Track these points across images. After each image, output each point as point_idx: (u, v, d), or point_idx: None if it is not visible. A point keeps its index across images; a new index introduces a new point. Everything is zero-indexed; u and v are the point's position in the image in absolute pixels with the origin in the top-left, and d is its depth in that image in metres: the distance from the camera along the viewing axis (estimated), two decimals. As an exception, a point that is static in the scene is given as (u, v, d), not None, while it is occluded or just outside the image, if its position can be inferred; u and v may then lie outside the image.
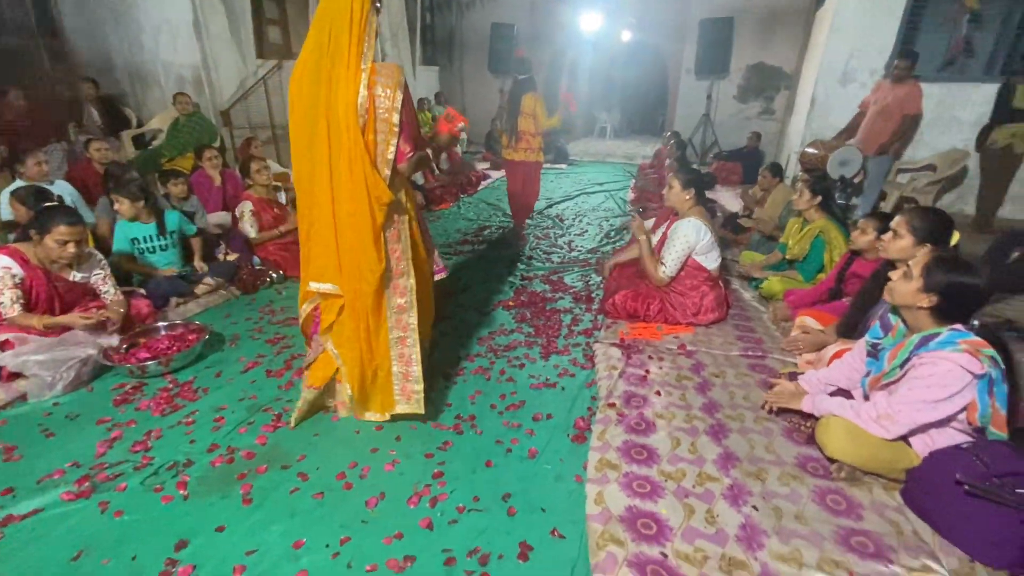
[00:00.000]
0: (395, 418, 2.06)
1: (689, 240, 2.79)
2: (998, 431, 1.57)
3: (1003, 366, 1.55)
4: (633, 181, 7.31)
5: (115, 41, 5.81)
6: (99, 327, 2.46)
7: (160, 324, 2.71)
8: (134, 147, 5.59)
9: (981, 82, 5.08)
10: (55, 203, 2.71)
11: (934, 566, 1.40)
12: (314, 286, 1.91)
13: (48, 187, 3.30)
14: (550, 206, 6.09)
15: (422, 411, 2.00)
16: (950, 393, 1.55)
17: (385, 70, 1.71)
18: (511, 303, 3.31)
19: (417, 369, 1.98)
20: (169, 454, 1.89)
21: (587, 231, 5.07)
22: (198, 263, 3.35)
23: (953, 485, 1.46)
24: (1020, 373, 2.33)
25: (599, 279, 3.70)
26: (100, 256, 2.63)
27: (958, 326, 1.61)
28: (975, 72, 5.19)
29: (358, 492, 1.72)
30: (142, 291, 2.95)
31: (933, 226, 2.04)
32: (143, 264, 3.13)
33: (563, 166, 8.77)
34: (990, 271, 3.26)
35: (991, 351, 1.54)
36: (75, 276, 2.51)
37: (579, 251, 4.43)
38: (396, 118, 1.73)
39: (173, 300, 3.07)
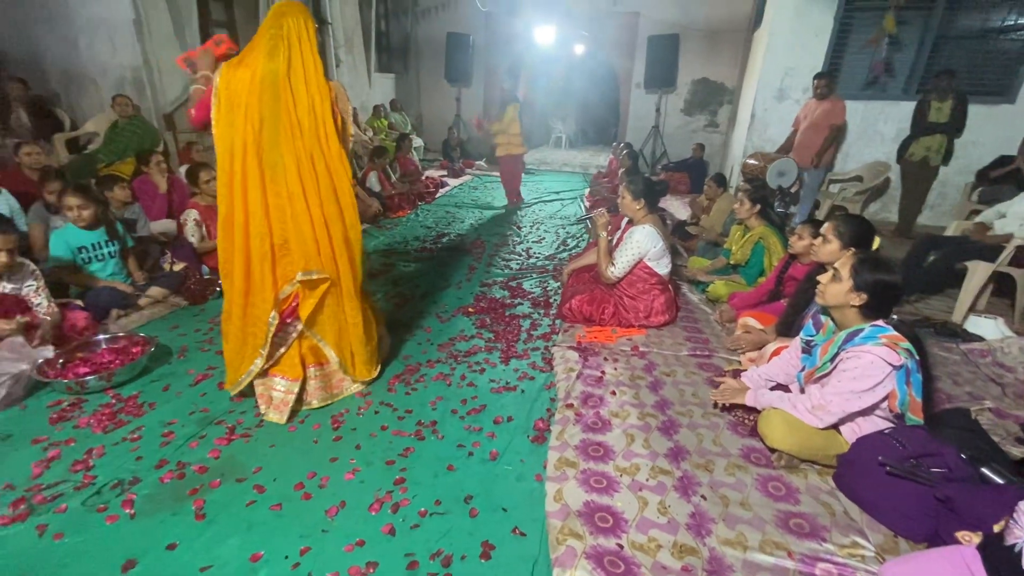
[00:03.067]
0: (356, 426, 2.07)
1: (642, 247, 2.91)
2: (915, 416, 1.74)
3: (917, 357, 1.72)
4: (588, 190, 7.51)
5: (47, 40, 5.48)
6: (26, 334, 2.31)
7: (100, 337, 2.58)
8: (67, 151, 5.28)
9: (900, 100, 5.55)
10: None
11: (862, 542, 1.53)
12: (303, 276, 2.02)
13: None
14: (509, 214, 6.17)
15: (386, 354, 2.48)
16: (873, 383, 1.70)
17: (340, 90, 2.00)
18: (471, 309, 3.34)
19: (371, 328, 2.32)
20: (113, 472, 1.81)
21: (544, 238, 5.17)
22: (137, 274, 3.18)
23: (877, 467, 1.60)
24: (934, 366, 2.57)
25: (556, 285, 3.79)
26: (33, 266, 2.48)
27: (879, 322, 1.77)
28: (895, 91, 5.67)
29: (318, 502, 1.70)
30: (79, 302, 2.80)
31: (856, 231, 2.24)
32: (86, 275, 2.96)
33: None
34: (909, 273, 3.57)
35: (907, 344, 1.70)
36: (4, 287, 2.37)
37: (537, 258, 4.51)
38: (352, 128, 2.00)
39: (114, 312, 2.93)
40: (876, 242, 2.24)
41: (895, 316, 1.80)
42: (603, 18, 9.01)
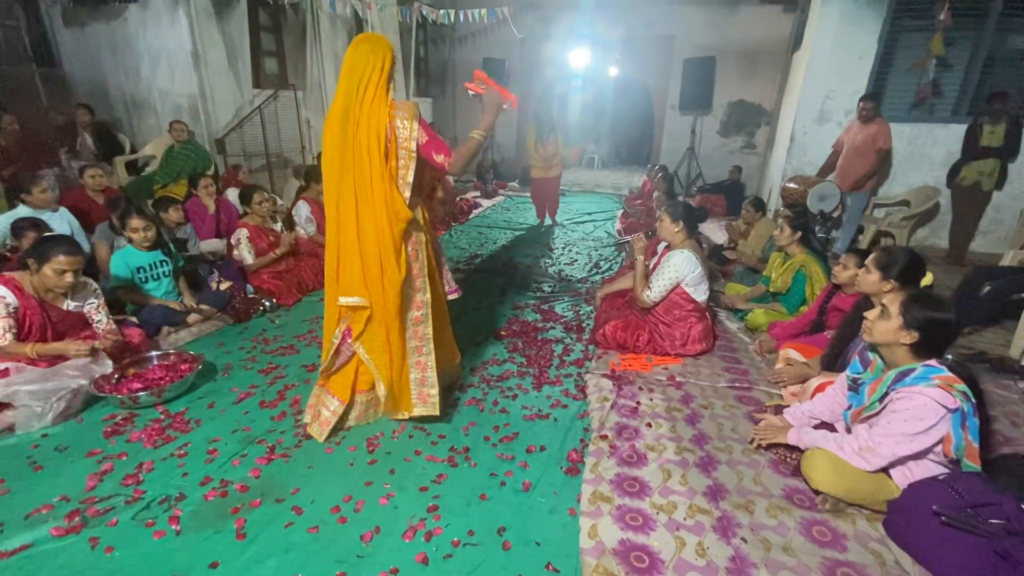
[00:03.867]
0: (391, 450, 2.09)
1: (680, 271, 2.87)
2: (972, 463, 1.64)
3: (974, 400, 1.64)
4: (621, 211, 7.48)
5: (112, 69, 5.90)
6: (92, 357, 2.44)
7: (152, 353, 2.70)
8: (127, 172, 5.63)
9: (949, 122, 5.36)
10: (54, 233, 2.72)
11: (916, 597, 1.45)
12: (343, 300, 2.07)
13: (52, 214, 3.33)
14: (541, 235, 6.20)
15: (437, 413, 2.20)
16: (926, 426, 1.62)
17: (402, 106, 1.97)
18: (503, 332, 3.35)
19: (432, 375, 2.20)
20: (161, 487, 1.88)
21: (576, 260, 5.17)
22: (187, 299, 3.29)
23: (931, 516, 1.52)
24: (991, 405, 2.43)
25: (589, 308, 3.77)
26: (95, 285, 2.63)
27: (932, 362, 1.69)
28: (943, 113, 5.48)
29: (353, 526, 1.73)
30: (134, 319, 2.95)
31: (899, 263, 2.16)
32: (142, 293, 3.12)
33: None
34: (963, 305, 3.41)
35: (962, 386, 1.62)
36: (68, 305, 2.52)
37: (569, 280, 4.51)
38: (413, 145, 1.98)
39: (165, 329, 3.07)
40: (929, 277, 2.15)
41: (949, 356, 1.72)
42: (638, 41, 9.07)
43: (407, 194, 2.01)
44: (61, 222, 3.59)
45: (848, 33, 5.45)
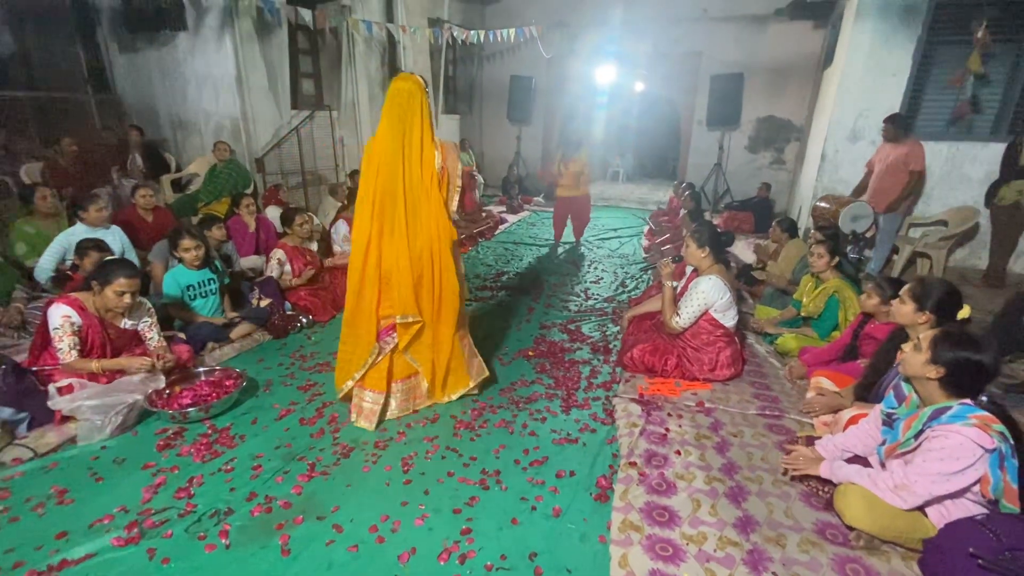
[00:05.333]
0: (425, 471, 2.17)
1: (708, 298, 2.88)
2: (1011, 504, 1.62)
3: (1012, 441, 1.62)
4: (648, 227, 7.46)
5: (161, 93, 6.23)
6: (150, 373, 2.59)
7: (200, 369, 2.85)
8: (172, 190, 5.92)
9: (988, 141, 5.23)
10: (115, 256, 2.90)
11: (953, 641, 1.44)
12: (402, 319, 2.41)
13: (105, 231, 3.55)
14: (564, 251, 6.25)
15: (487, 373, 2.80)
16: (963, 466, 1.61)
17: (449, 146, 2.35)
18: (531, 352, 3.40)
19: (473, 347, 2.76)
20: (211, 502, 1.99)
21: (602, 278, 5.19)
22: (229, 313, 3.48)
23: (967, 557, 1.50)
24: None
25: (616, 329, 3.80)
26: (149, 305, 2.79)
27: (968, 400, 1.68)
28: (982, 131, 5.35)
29: (390, 546, 1.79)
30: (182, 336, 3.11)
31: (934, 296, 2.15)
32: (190, 311, 3.29)
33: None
34: (1005, 331, 3.31)
35: (1000, 426, 1.61)
36: (125, 324, 2.68)
37: (595, 299, 4.54)
38: (459, 181, 2.43)
39: (209, 345, 3.23)
40: (966, 310, 2.12)
41: (984, 397, 1.70)
42: (664, 58, 9.11)
43: (454, 219, 2.45)
44: (113, 239, 3.81)
45: (881, 50, 5.39)
